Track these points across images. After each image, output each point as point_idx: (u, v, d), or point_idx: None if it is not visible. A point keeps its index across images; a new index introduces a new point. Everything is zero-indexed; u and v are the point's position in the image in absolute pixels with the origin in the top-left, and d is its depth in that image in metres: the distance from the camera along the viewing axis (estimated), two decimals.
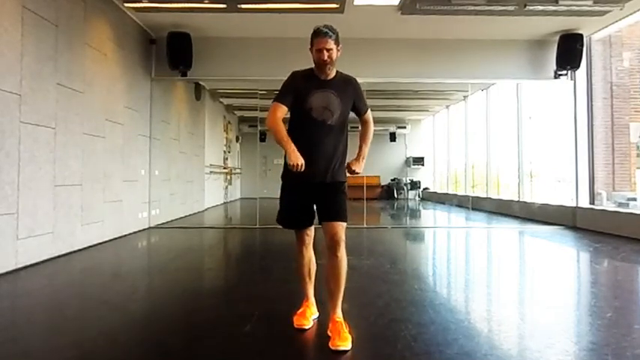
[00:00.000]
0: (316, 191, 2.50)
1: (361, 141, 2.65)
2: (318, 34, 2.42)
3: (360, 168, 2.54)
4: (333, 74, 2.52)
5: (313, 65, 2.51)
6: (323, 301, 2.62)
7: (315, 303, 2.70)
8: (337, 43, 2.44)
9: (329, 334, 2.35)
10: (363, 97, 2.63)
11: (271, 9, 6.07)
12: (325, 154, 2.48)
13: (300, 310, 2.62)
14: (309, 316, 2.60)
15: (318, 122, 2.46)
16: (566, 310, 3.14)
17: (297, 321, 2.56)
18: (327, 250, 2.45)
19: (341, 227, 2.44)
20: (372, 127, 2.66)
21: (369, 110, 2.66)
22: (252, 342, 2.41)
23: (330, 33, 2.41)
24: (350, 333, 2.32)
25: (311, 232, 2.65)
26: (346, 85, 2.54)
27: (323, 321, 2.46)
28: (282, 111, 2.50)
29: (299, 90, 2.48)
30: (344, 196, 2.54)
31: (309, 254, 2.66)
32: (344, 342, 2.26)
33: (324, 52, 2.40)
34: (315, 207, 2.55)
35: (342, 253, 2.43)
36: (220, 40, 7.43)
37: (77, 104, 5.07)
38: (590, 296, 3.53)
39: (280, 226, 2.64)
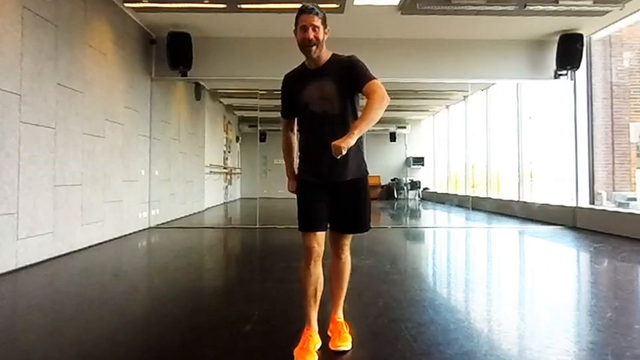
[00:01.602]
0: (330, 192, 2.25)
1: (362, 113, 2.07)
2: (303, 11, 2.17)
3: (343, 144, 1.91)
4: (325, 58, 2.24)
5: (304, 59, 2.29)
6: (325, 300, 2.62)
7: (318, 330, 2.28)
8: (324, 24, 2.20)
9: (329, 334, 2.35)
10: (363, 71, 2.17)
11: (271, 9, 6.07)
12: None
13: (302, 343, 2.17)
14: (312, 349, 2.16)
15: (319, 116, 2.21)
16: (566, 310, 3.14)
17: (299, 357, 2.11)
18: (331, 251, 2.39)
19: (349, 237, 2.36)
20: (378, 98, 2.05)
21: (373, 80, 2.12)
22: (252, 342, 2.41)
23: (317, 10, 2.17)
24: (350, 333, 2.33)
25: (322, 240, 2.24)
26: (340, 65, 2.21)
27: (323, 321, 2.46)
28: (287, 123, 2.40)
29: (292, 90, 2.29)
30: (360, 200, 2.28)
31: (317, 272, 2.24)
32: (344, 342, 2.26)
33: (310, 29, 2.14)
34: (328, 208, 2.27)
35: (347, 255, 2.39)
36: (220, 40, 7.43)
37: (77, 104, 5.07)
38: (590, 296, 3.53)
39: (301, 231, 2.26)
